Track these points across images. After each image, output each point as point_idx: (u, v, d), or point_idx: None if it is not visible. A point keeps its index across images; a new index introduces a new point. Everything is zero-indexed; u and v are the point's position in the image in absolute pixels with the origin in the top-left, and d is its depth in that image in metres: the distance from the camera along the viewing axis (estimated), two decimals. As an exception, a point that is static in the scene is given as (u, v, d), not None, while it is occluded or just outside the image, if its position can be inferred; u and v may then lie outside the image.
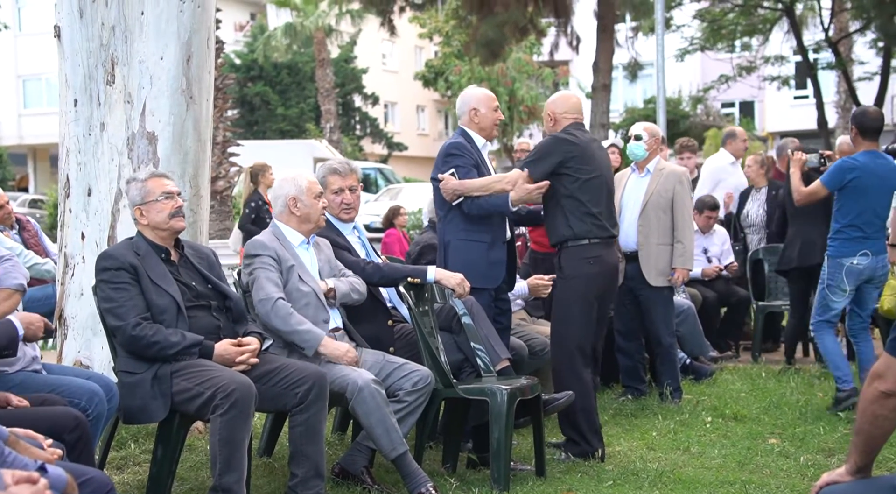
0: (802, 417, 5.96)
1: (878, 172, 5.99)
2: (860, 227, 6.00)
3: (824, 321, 6.19)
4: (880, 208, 5.96)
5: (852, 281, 6.03)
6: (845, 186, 6.01)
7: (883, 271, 6.09)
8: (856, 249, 5.99)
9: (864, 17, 19.98)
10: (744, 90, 28.11)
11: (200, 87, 5.02)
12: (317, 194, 4.61)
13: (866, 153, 6.04)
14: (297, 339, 4.32)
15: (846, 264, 6.01)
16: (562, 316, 5.16)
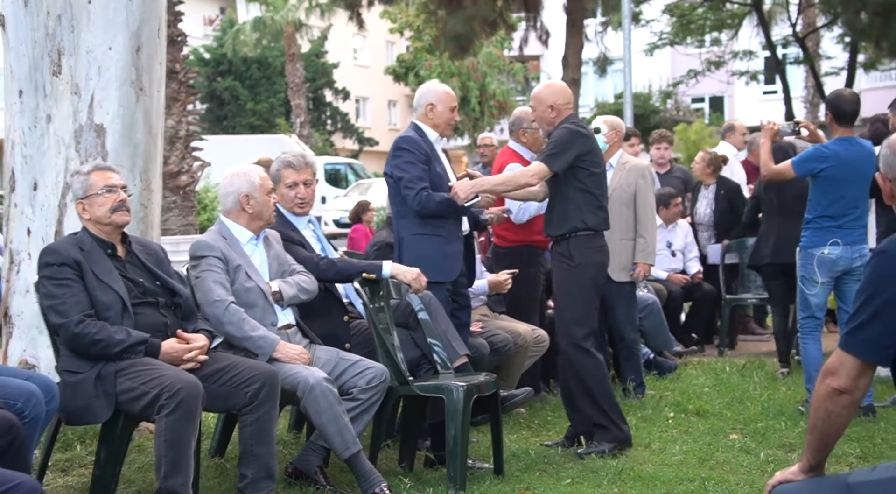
0: (765, 412, 5.92)
1: (852, 161, 5.78)
2: (832, 217, 5.82)
3: (808, 317, 5.99)
4: (855, 197, 5.81)
5: (825, 272, 5.84)
6: (816, 175, 5.84)
7: (862, 262, 5.83)
8: (826, 238, 5.82)
9: (831, 12, 20.07)
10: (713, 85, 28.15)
11: (151, 78, 4.90)
12: (269, 190, 4.50)
13: (840, 140, 5.82)
14: (250, 345, 4.23)
15: (817, 255, 5.84)
16: (572, 302, 5.13)
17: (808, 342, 5.98)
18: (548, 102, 5.20)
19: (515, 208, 6.10)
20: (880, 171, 2.59)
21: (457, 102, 5.39)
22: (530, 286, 6.32)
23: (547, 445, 5.21)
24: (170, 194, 11.52)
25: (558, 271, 5.20)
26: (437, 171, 5.15)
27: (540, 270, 6.40)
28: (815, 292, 5.90)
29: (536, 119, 5.35)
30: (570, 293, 5.13)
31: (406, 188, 5.05)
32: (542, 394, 6.49)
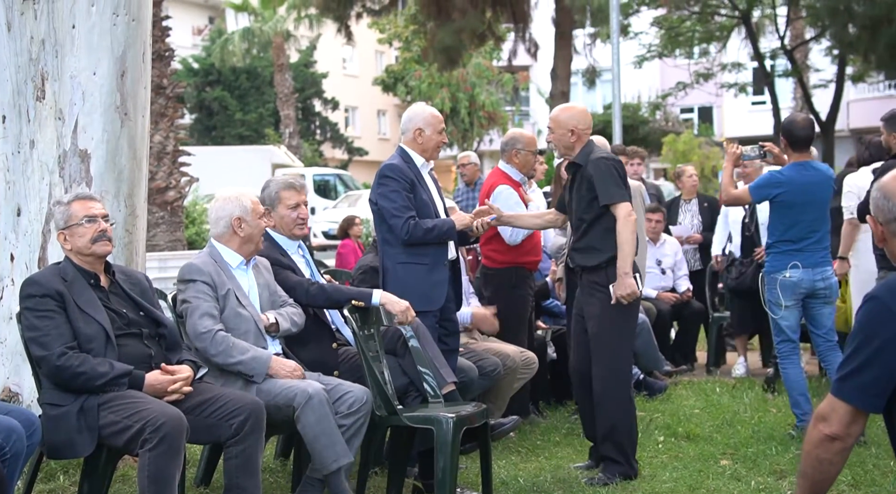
0: (755, 436, 5.89)
1: (807, 186, 5.76)
2: (792, 241, 5.81)
3: (783, 341, 5.98)
4: (813, 221, 5.80)
5: (788, 296, 5.82)
6: (773, 201, 5.84)
7: (825, 284, 5.84)
8: (787, 262, 5.80)
9: (818, 25, 20.14)
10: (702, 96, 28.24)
11: (136, 103, 4.85)
12: (261, 213, 4.46)
13: (795, 165, 5.80)
14: (243, 369, 4.19)
15: (779, 279, 5.83)
16: (618, 336, 5.03)
17: (788, 367, 5.96)
18: (568, 125, 5.12)
19: (509, 230, 6.06)
20: (870, 213, 2.56)
21: (443, 123, 5.36)
22: (519, 308, 6.28)
23: (578, 467, 5.19)
24: (157, 209, 11.48)
25: (596, 302, 5.04)
26: (422, 198, 5.11)
27: (528, 291, 6.36)
28: (783, 315, 5.89)
29: (553, 141, 5.20)
30: (614, 325, 5.02)
31: (394, 218, 5.01)
32: (530, 417, 6.44)
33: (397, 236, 5.02)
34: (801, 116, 6.12)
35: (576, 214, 5.15)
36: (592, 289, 5.09)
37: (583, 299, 5.17)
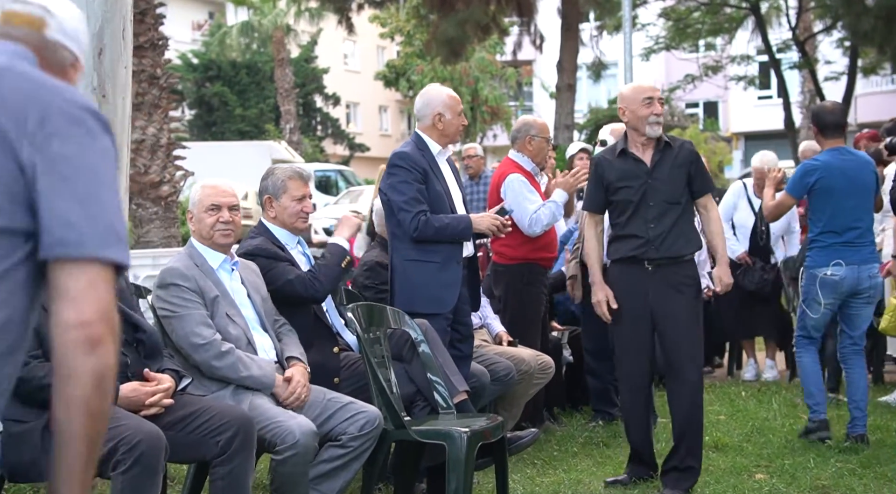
0: (789, 446, 5.45)
1: (845, 170, 5.37)
2: (836, 232, 5.40)
3: (803, 336, 5.62)
4: (856, 208, 5.39)
5: (828, 294, 5.42)
6: (811, 190, 5.43)
7: (871, 283, 5.43)
8: (830, 258, 5.40)
9: (829, 16, 19.69)
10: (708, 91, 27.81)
11: (115, 83, 4.41)
12: (207, 206, 4.02)
13: (830, 151, 5.45)
14: (249, 383, 3.80)
15: (819, 276, 5.42)
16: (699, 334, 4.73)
17: (804, 356, 5.61)
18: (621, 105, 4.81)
19: (527, 219, 5.61)
20: None
21: (461, 104, 4.94)
22: (532, 308, 5.85)
23: (613, 482, 4.78)
24: (151, 204, 11.02)
25: (682, 300, 4.67)
26: (436, 189, 4.68)
27: (542, 289, 5.93)
28: (817, 314, 5.50)
29: (662, 115, 4.77)
30: (700, 324, 4.73)
31: (402, 211, 4.59)
32: (545, 425, 6.01)
33: (405, 231, 4.59)
34: (830, 102, 5.84)
35: (661, 197, 4.69)
36: (682, 283, 4.68)
37: (660, 296, 4.68)
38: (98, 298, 1.50)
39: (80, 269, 1.51)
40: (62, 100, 1.61)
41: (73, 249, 1.51)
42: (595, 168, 4.84)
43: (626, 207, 4.73)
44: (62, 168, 1.55)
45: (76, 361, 1.49)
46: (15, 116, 1.56)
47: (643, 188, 4.71)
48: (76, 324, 1.49)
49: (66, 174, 1.55)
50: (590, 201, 4.90)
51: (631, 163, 4.76)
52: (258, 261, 4.26)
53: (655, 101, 4.74)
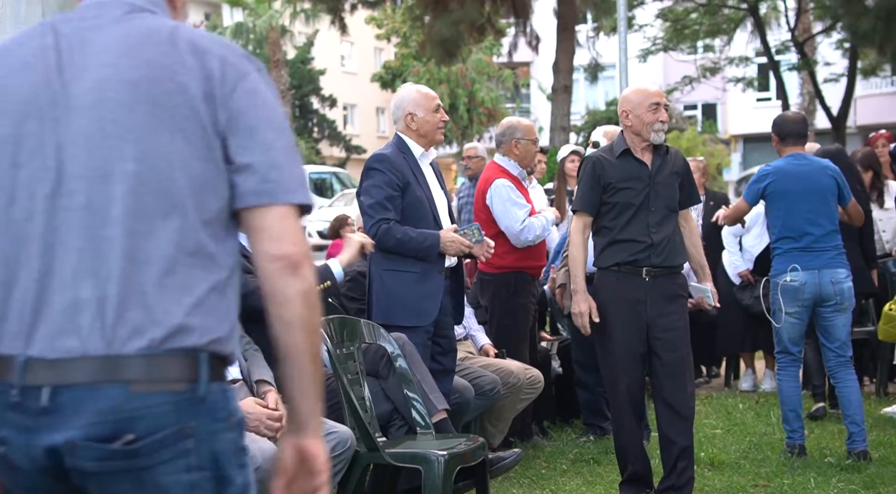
0: (789, 464, 5.19)
1: (799, 174, 5.25)
2: (792, 237, 5.24)
3: (781, 352, 5.38)
4: (812, 213, 5.21)
5: (791, 302, 5.20)
6: (765, 195, 5.32)
7: (835, 290, 5.19)
8: (787, 264, 5.22)
9: (829, 16, 19.47)
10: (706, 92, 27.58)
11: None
12: None
13: (786, 157, 5.35)
14: None
15: (780, 283, 5.23)
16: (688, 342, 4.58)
17: (783, 379, 5.36)
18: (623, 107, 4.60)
19: (516, 226, 5.37)
20: None
21: (438, 100, 4.67)
22: (520, 318, 5.61)
23: None
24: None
25: (677, 312, 4.51)
26: (416, 195, 4.43)
27: (531, 299, 5.69)
28: (784, 324, 5.27)
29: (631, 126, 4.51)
30: (688, 337, 4.57)
31: (364, 215, 4.35)
32: (533, 439, 5.77)
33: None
34: (792, 112, 5.77)
35: (662, 202, 4.49)
36: (677, 296, 4.50)
37: (658, 308, 4.46)
38: (292, 232, 1.67)
39: (275, 211, 1.67)
40: (233, 51, 1.74)
41: (269, 196, 1.67)
42: (592, 167, 4.54)
43: (625, 209, 4.47)
44: (251, 119, 1.69)
45: (285, 286, 1.65)
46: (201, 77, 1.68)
47: (646, 191, 4.48)
48: (278, 256, 1.65)
49: (256, 124, 1.69)
50: (583, 200, 4.55)
51: (633, 164, 4.52)
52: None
53: (661, 107, 4.52)
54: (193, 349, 1.62)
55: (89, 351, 1.58)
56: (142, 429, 1.58)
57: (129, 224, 1.62)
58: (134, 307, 1.60)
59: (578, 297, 4.46)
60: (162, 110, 1.65)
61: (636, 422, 4.61)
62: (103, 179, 1.63)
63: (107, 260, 1.61)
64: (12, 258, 1.65)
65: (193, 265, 1.64)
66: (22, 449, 1.60)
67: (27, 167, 1.66)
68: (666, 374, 4.51)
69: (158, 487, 1.60)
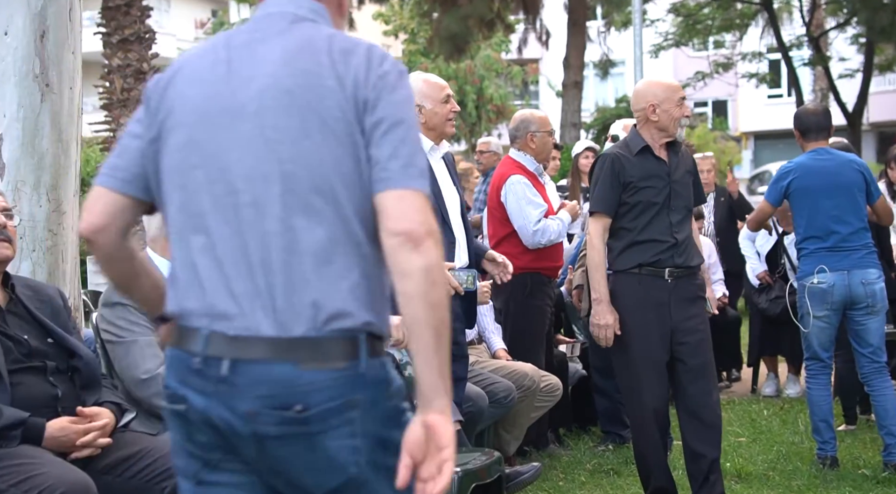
0: (820, 476, 4.91)
1: (822, 169, 4.99)
2: (818, 237, 4.97)
3: (811, 359, 5.10)
4: (836, 207, 4.95)
5: (818, 306, 4.94)
6: (788, 194, 5.05)
7: (867, 291, 4.92)
8: (814, 265, 4.96)
9: (844, 11, 19.15)
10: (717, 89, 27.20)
11: (60, 71, 3.89)
12: None
13: (808, 153, 5.09)
14: None
15: (807, 285, 4.97)
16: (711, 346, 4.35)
17: (813, 387, 5.09)
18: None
19: (530, 227, 5.10)
20: None
21: (448, 89, 4.37)
22: (536, 321, 5.33)
23: None
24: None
25: (700, 314, 4.32)
26: None
27: (547, 301, 5.40)
28: (813, 328, 5.00)
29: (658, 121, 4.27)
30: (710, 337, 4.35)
31: None
32: (549, 448, 5.49)
33: None
34: (812, 105, 5.50)
35: (681, 202, 4.29)
36: (697, 298, 4.29)
37: (682, 311, 4.22)
38: (411, 210, 1.78)
39: (392, 193, 1.80)
40: (375, 55, 1.88)
41: (394, 183, 1.80)
42: (611, 165, 4.26)
43: (647, 209, 4.22)
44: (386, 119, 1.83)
45: (405, 260, 1.75)
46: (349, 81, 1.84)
47: (667, 190, 4.23)
48: (398, 232, 1.77)
49: (385, 118, 1.83)
50: (603, 201, 4.27)
51: (653, 162, 4.26)
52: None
53: (684, 101, 4.36)
54: (352, 330, 1.78)
55: (262, 332, 1.78)
56: (311, 401, 1.76)
57: (289, 220, 1.79)
58: (298, 295, 1.78)
59: (603, 308, 4.17)
60: (314, 115, 1.82)
61: (659, 436, 4.33)
62: (265, 179, 1.81)
63: (273, 252, 1.79)
64: (197, 248, 1.84)
65: (347, 254, 1.80)
66: (199, 410, 1.81)
67: (202, 169, 1.85)
68: (690, 381, 4.25)
69: (326, 450, 1.79)
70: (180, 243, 1.88)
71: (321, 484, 1.81)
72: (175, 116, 1.89)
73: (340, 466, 1.80)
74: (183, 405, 1.82)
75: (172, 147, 1.89)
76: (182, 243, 1.87)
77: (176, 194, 1.88)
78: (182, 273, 1.86)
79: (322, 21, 1.94)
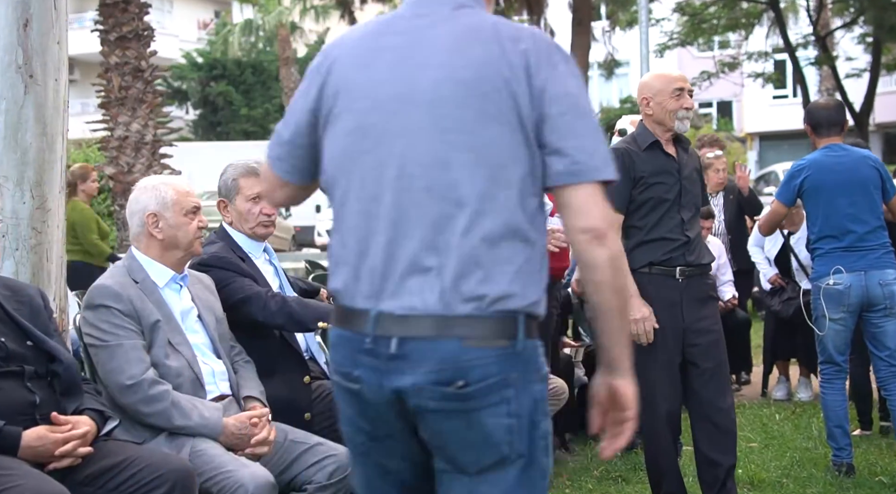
0: (836, 483, 4.73)
1: (836, 166, 4.81)
2: (834, 236, 4.81)
3: (826, 362, 4.93)
4: (852, 205, 4.78)
5: (834, 308, 4.77)
6: (801, 192, 4.88)
7: (887, 291, 4.75)
8: (830, 265, 4.79)
9: (850, 10, 18.98)
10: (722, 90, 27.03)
11: (45, 61, 3.72)
12: (189, 209, 3.33)
13: (821, 149, 4.90)
14: (187, 433, 3.09)
15: (822, 287, 4.80)
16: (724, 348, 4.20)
17: (828, 392, 4.91)
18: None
19: None
20: None
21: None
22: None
23: None
24: (135, 206, 10.41)
25: (712, 312, 4.15)
26: None
27: (553, 303, 5.19)
28: (828, 331, 4.83)
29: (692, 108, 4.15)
30: (724, 342, 4.19)
31: None
32: (556, 454, 5.31)
33: None
34: (823, 99, 5.35)
35: (691, 199, 4.13)
36: (710, 298, 4.12)
37: (694, 311, 4.06)
38: (598, 207, 1.89)
39: (582, 189, 1.89)
40: (542, 41, 1.96)
41: (576, 177, 1.89)
42: (620, 160, 4.04)
43: (657, 206, 4.05)
44: (561, 106, 1.91)
45: (593, 254, 1.89)
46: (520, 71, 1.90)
47: (677, 186, 4.07)
48: (586, 228, 1.89)
49: (566, 110, 1.91)
50: (615, 197, 4.06)
51: (662, 158, 4.10)
52: (213, 273, 3.58)
53: (686, 92, 4.11)
54: (514, 311, 1.88)
55: (430, 310, 1.86)
56: (472, 377, 1.86)
57: (465, 205, 1.87)
58: (468, 276, 1.86)
59: (635, 301, 3.96)
60: (489, 105, 1.88)
61: (672, 441, 4.17)
62: (442, 166, 1.88)
63: (445, 235, 1.87)
64: (364, 230, 1.93)
65: (514, 239, 1.89)
66: (373, 387, 1.91)
67: (373, 154, 1.93)
68: (704, 385, 4.09)
69: (483, 426, 1.89)
70: (347, 225, 1.96)
71: (476, 461, 1.90)
72: (342, 100, 1.96)
73: (495, 444, 1.89)
74: (357, 384, 1.93)
75: (340, 132, 1.96)
76: (348, 224, 1.95)
77: (343, 178, 1.96)
78: (347, 254, 1.95)
79: (478, 7, 2.01)
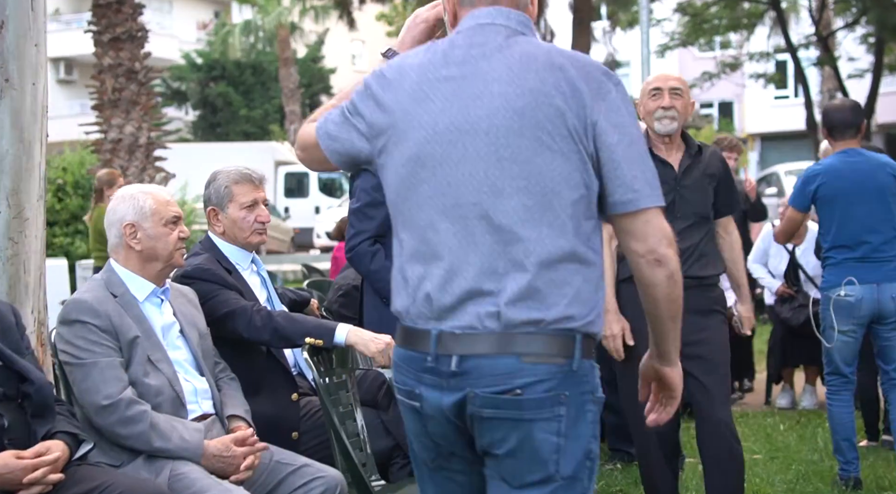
0: (843, 498, 4.60)
1: (852, 173, 4.65)
2: (848, 246, 4.64)
3: (832, 373, 4.78)
4: (868, 215, 4.62)
5: (844, 320, 4.63)
6: (815, 199, 4.72)
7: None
8: (842, 276, 4.63)
9: (853, 10, 18.85)
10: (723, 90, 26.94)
11: (22, 65, 3.57)
12: (168, 219, 3.18)
13: (837, 154, 4.74)
14: (166, 456, 2.94)
15: (833, 298, 4.64)
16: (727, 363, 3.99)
17: (835, 404, 4.75)
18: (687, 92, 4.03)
19: None
20: None
21: None
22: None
23: None
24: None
25: (710, 326, 3.94)
26: None
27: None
28: (837, 343, 4.68)
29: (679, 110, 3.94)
30: (727, 356, 3.97)
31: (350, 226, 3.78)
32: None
33: None
34: (839, 100, 5.11)
35: (691, 208, 3.94)
36: (710, 311, 3.92)
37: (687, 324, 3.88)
38: (654, 230, 2.02)
39: (640, 216, 2.02)
40: (595, 69, 2.02)
41: (634, 205, 2.01)
42: None
43: None
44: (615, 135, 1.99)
45: (652, 275, 2.04)
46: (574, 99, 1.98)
47: (671, 196, 3.88)
48: (644, 253, 2.02)
49: (620, 140, 1.99)
50: None
51: (657, 166, 3.93)
52: (197, 286, 3.43)
53: (665, 92, 3.91)
54: (571, 330, 1.97)
55: (487, 330, 1.95)
56: (528, 387, 1.94)
57: (521, 232, 1.95)
58: (526, 299, 1.95)
59: (609, 317, 3.84)
60: (544, 133, 1.95)
61: (666, 460, 4.02)
62: (497, 193, 1.96)
63: (503, 261, 1.96)
64: (423, 256, 2.01)
65: (571, 261, 1.98)
66: (434, 404, 2.00)
67: (430, 183, 2.00)
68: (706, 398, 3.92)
69: (532, 441, 1.96)
70: (407, 251, 2.04)
71: (520, 476, 1.97)
72: (399, 129, 2.03)
73: (542, 461, 1.95)
74: (418, 402, 2.02)
75: (398, 161, 2.03)
76: (408, 250, 2.03)
77: (403, 206, 2.04)
78: (408, 278, 2.03)
79: (530, 33, 2.07)
